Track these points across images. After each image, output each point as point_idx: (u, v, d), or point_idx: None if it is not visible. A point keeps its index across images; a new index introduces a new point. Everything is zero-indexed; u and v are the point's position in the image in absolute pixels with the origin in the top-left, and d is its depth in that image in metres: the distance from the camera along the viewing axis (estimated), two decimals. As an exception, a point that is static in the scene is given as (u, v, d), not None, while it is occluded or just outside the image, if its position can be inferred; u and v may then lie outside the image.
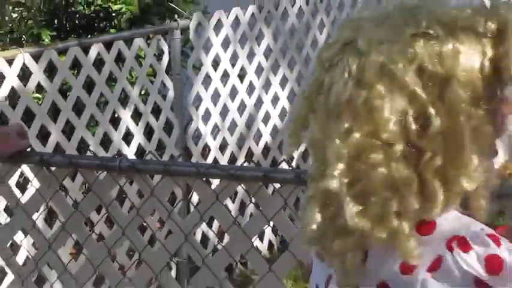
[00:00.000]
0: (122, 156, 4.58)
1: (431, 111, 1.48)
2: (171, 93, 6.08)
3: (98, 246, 3.33)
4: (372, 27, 1.58)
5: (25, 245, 4.08)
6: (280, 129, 6.82)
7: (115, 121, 5.77)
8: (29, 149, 3.56)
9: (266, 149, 6.56)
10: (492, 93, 1.52)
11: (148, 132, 5.98)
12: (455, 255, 1.48)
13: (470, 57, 1.53)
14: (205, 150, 6.41)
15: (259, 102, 6.91)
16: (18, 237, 3.88)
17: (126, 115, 5.77)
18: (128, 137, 5.63)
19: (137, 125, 5.80)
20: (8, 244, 3.70)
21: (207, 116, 6.42)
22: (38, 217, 3.69)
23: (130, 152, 5.60)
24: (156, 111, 6.09)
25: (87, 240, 3.41)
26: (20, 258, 3.92)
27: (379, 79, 1.50)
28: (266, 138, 6.61)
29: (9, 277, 4.13)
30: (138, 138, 5.78)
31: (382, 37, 1.53)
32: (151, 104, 6.04)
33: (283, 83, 6.87)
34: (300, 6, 7.45)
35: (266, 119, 6.97)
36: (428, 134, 1.47)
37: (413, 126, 1.48)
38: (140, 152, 5.77)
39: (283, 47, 7.30)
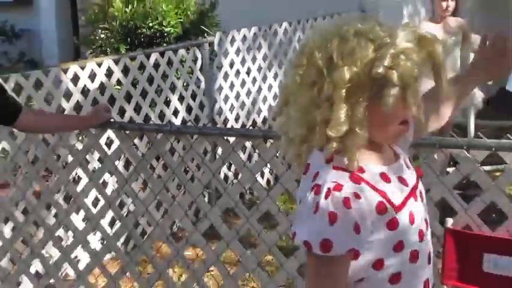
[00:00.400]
0: (172, 124, 5.18)
1: (325, 82, 1.52)
2: (203, 85, 5.98)
3: (157, 182, 3.42)
4: (323, 34, 1.62)
5: (111, 182, 4.14)
6: (273, 106, 6.77)
7: (167, 103, 5.71)
8: (112, 120, 3.60)
9: (264, 120, 6.65)
10: (366, 86, 1.53)
11: (189, 110, 5.89)
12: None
13: (361, 54, 1.55)
14: (225, 121, 6.35)
15: (259, 90, 6.66)
16: (106, 176, 3.92)
17: (174, 99, 5.71)
18: (176, 113, 5.61)
19: (181, 104, 5.74)
20: (101, 181, 3.78)
21: (226, 99, 6.31)
22: (119, 164, 3.70)
23: (177, 122, 5.59)
24: (193, 96, 5.97)
25: (150, 178, 3.50)
26: (108, 190, 3.93)
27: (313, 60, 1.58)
28: (264, 112, 6.61)
29: (101, 203, 3.95)
30: (182, 114, 5.73)
31: (328, 37, 1.58)
32: (190, 91, 5.93)
33: (275, 77, 6.79)
34: (286, 27, 7.07)
35: (264, 100, 6.74)
36: (321, 97, 1.52)
37: (317, 91, 1.55)
38: (183, 122, 5.64)
39: (274, 53, 6.98)
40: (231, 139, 3.59)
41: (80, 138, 4.04)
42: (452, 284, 2.83)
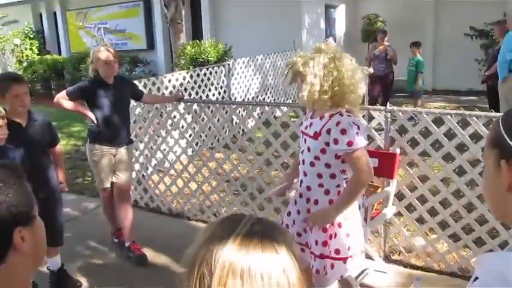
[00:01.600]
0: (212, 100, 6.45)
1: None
2: (225, 82, 7.47)
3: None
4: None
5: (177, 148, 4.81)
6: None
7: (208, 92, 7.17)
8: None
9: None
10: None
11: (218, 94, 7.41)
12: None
13: (318, 62, 2.19)
14: (235, 99, 7.52)
15: (252, 86, 8.14)
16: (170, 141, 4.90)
17: (213, 89, 7.15)
18: (212, 96, 7.26)
19: (216, 91, 7.23)
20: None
21: (235, 90, 7.74)
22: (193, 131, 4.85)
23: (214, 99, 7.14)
24: (221, 88, 7.42)
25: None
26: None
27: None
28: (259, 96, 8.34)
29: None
30: (216, 96, 7.40)
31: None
32: (219, 85, 7.37)
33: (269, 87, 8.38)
34: (261, 58, 8.49)
35: (253, 90, 8.24)
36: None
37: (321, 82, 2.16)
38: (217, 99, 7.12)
39: (266, 74, 8.54)
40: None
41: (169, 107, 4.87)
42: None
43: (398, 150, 3.39)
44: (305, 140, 2.38)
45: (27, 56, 14.06)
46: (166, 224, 4.77)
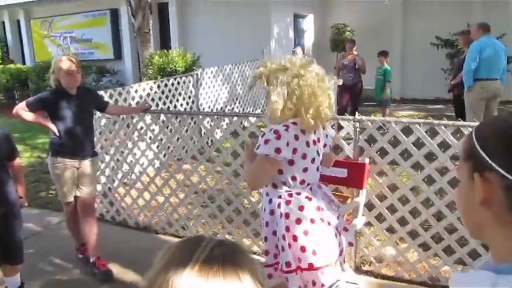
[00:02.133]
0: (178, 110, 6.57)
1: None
2: (194, 92, 7.44)
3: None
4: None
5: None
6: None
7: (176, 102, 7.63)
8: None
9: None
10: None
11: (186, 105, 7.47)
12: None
13: (282, 81, 2.24)
14: (203, 109, 7.64)
15: (220, 95, 8.23)
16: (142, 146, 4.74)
17: (180, 99, 7.13)
18: (180, 106, 7.32)
19: (183, 101, 7.32)
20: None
21: (204, 100, 7.76)
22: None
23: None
24: (189, 98, 7.37)
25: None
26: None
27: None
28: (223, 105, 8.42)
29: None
30: (184, 106, 7.42)
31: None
32: (187, 95, 7.33)
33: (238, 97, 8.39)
34: (230, 67, 8.67)
35: (221, 99, 8.38)
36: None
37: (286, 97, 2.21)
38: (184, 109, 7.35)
39: (234, 84, 8.55)
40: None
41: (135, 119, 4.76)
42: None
43: (367, 160, 3.38)
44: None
45: (-12, 65, 13.68)
46: (133, 238, 4.65)
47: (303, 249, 2.28)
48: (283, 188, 2.36)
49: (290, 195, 2.34)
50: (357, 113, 3.61)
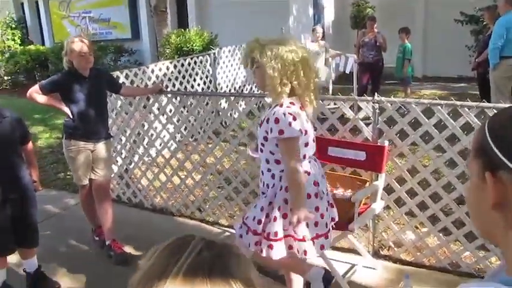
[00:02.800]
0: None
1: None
2: (211, 72, 7.35)
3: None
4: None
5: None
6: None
7: (193, 81, 7.10)
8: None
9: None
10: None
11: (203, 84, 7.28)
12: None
13: (276, 54, 2.29)
14: (221, 89, 7.51)
15: (237, 74, 8.12)
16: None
17: (197, 79, 7.03)
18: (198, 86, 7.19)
19: (201, 80, 7.22)
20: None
21: (221, 79, 7.65)
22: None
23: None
24: (206, 77, 7.29)
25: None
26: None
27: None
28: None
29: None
30: (201, 86, 7.16)
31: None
32: (205, 75, 7.24)
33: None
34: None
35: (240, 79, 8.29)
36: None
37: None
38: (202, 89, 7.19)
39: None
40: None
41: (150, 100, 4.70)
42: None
43: (386, 143, 3.27)
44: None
45: (9, 46, 13.75)
46: (149, 219, 4.65)
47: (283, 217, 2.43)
48: None
49: None
50: (376, 94, 3.47)
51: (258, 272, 0.76)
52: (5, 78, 13.12)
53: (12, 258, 3.52)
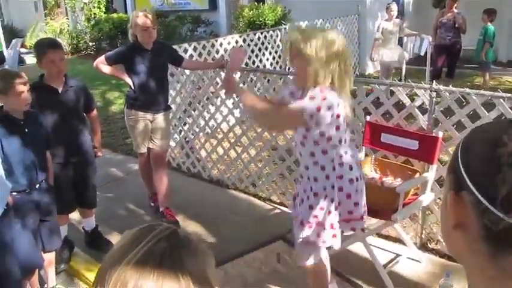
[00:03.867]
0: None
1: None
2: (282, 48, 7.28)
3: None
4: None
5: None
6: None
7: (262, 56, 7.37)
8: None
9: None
10: None
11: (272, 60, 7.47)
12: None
13: (322, 44, 2.25)
14: None
15: None
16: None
17: (267, 54, 7.42)
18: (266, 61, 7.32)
19: (270, 55, 7.30)
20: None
21: None
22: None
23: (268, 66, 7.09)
24: (276, 53, 7.50)
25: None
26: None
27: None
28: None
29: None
30: (270, 61, 7.25)
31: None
32: (275, 49, 7.33)
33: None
34: (332, 25, 9.04)
35: None
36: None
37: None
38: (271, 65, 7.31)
39: None
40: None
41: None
42: (367, 146, 3.43)
43: (441, 134, 3.14)
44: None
45: (94, 14, 14.34)
46: (205, 191, 4.77)
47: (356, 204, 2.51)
48: (334, 151, 2.49)
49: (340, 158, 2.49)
50: (434, 82, 3.31)
51: (217, 272, 0.77)
52: (90, 44, 13.77)
53: (74, 216, 3.79)
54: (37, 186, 2.81)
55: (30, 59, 11.33)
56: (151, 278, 0.68)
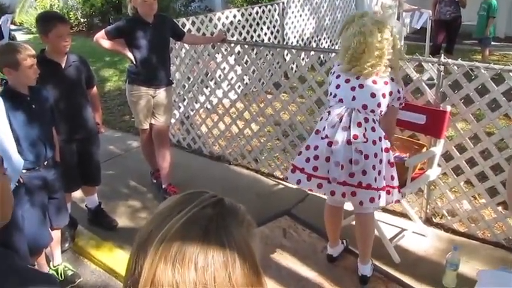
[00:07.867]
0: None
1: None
2: (279, 22, 7.18)
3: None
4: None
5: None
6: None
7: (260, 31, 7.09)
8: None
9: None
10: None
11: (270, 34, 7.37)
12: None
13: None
14: (288, 39, 7.53)
15: (307, 24, 7.99)
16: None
17: (264, 28, 7.17)
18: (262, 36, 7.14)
19: (268, 30, 7.15)
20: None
21: (289, 29, 7.57)
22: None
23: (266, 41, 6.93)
24: (273, 27, 7.24)
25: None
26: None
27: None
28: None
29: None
30: (268, 36, 6.96)
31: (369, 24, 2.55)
32: (272, 24, 7.14)
33: (326, 28, 8.50)
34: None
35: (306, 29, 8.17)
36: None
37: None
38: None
39: (323, 15, 8.23)
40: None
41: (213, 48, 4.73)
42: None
43: (449, 108, 3.13)
44: (353, 97, 2.62)
45: (85, -12, 14.01)
46: (206, 166, 4.76)
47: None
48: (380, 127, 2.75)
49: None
50: (442, 55, 3.27)
51: (260, 245, 0.76)
52: (82, 20, 13.51)
53: (77, 194, 3.77)
54: (45, 163, 2.76)
55: (20, 36, 11.18)
56: (195, 245, 0.66)
